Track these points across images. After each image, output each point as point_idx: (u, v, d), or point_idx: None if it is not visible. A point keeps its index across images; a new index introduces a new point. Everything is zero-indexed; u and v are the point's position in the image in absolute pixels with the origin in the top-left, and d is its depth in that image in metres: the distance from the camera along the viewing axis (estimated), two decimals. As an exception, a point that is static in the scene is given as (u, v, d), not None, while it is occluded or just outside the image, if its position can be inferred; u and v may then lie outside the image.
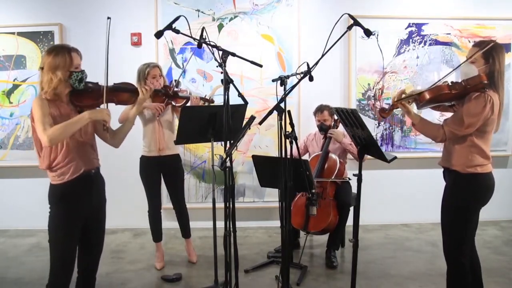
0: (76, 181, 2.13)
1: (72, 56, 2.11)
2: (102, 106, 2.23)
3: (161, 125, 3.33)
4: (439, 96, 2.24)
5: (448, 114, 2.44)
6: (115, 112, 2.34)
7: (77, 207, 2.14)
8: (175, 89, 3.09)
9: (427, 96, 2.24)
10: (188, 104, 3.16)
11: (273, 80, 2.96)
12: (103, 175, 2.37)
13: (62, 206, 2.12)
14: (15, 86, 4.40)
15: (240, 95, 2.48)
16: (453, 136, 2.26)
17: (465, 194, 2.30)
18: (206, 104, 3.25)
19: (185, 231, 3.54)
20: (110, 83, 2.25)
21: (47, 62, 2.08)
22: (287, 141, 2.49)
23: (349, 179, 3.65)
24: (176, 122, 3.42)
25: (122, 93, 2.30)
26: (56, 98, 2.11)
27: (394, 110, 2.35)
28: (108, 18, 2.14)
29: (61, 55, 2.09)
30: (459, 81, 2.25)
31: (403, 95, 2.33)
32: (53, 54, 2.09)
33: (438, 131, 2.29)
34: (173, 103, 3.20)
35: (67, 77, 2.10)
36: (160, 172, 3.42)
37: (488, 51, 2.20)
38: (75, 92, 2.16)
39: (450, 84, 2.25)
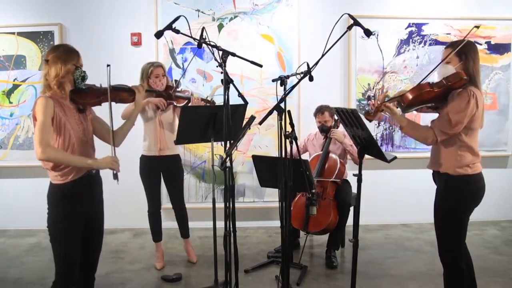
0: (77, 181, 2.14)
1: (78, 54, 2.19)
2: (104, 104, 2.25)
3: (162, 125, 3.33)
4: (422, 95, 2.22)
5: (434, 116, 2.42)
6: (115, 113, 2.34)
7: (78, 207, 2.14)
8: (177, 90, 3.20)
9: (410, 96, 2.22)
10: (189, 104, 3.18)
11: (273, 80, 2.96)
12: (103, 175, 2.37)
13: (63, 206, 2.12)
14: (15, 86, 4.40)
15: (240, 95, 2.48)
16: (443, 135, 2.23)
17: (457, 197, 2.28)
18: (207, 105, 3.26)
19: (184, 231, 3.54)
20: (106, 85, 2.27)
21: (54, 55, 2.10)
22: (287, 141, 2.50)
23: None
24: (177, 122, 3.43)
25: (122, 92, 2.36)
26: (61, 95, 2.12)
27: (379, 112, 2.30)
28: (108, 65, 2.17)
29: (70, 50, 2.16)
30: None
31: (386, 98, 2.33)
32: (62, 48, 2.16)
33: (428, 131, 2.28)
34: (174, 103, 3.26)
35: (73, 71, 2.13)
36: (159, 172, 3.42)
37: (460, 49, 2.22)
38: (76, 91, 2.18)
39: (431, 83, 2.24)
